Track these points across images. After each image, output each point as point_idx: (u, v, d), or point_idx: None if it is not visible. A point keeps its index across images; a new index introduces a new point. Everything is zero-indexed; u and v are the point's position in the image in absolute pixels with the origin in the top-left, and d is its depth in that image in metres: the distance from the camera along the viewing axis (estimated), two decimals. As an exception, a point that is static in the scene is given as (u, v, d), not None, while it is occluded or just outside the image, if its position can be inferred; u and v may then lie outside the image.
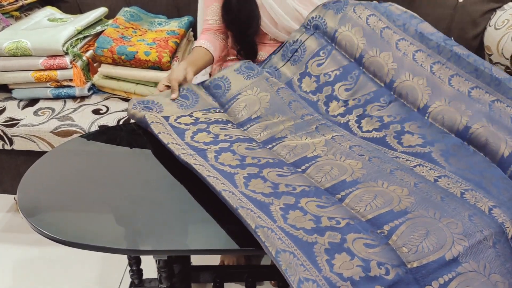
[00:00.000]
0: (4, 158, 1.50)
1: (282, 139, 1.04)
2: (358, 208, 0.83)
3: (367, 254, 0.74)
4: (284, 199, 0.84)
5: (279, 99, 1.15)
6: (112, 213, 0.92)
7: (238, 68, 1.22)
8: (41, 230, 0.85)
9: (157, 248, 0.84)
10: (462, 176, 0.91)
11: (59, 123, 1.41)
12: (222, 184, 0.86)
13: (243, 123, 1.11)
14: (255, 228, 0.76)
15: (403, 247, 0.75)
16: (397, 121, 1.06)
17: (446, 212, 0.80)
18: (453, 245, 0.75)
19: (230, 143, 1.00)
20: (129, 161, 1.03)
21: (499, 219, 0.81)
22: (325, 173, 0.92)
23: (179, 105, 1.16)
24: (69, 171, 1.06)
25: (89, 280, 1.47)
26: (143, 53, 1.43)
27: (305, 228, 0.78)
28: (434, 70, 1.11)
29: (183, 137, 1.03)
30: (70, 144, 1.18)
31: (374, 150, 0.99)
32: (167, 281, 1.07)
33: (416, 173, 0.92)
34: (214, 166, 0.92)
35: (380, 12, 1.23)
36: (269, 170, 0.92)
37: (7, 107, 1.48)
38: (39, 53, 1.44)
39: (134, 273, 1.25)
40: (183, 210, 0.86)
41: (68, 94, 1.50)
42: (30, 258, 1.56)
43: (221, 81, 1.20)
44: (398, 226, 0.78)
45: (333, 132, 1.05)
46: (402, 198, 0.84)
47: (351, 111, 1.13)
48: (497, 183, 0.90)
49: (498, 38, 1.65)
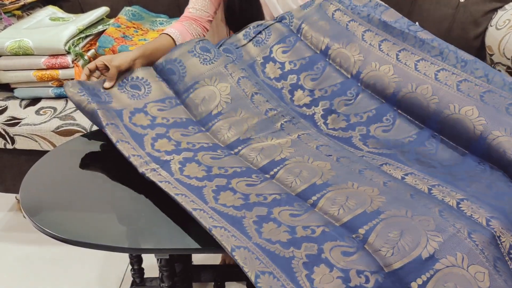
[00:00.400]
0: (6, 157, 1.50)
1: (248, 142, 1.01)
2: (332, 212, 0.82)
3: (345, 263, 0.74)
4: (256, 210, 0.82)
5: (240, 91, 1.09)
6: (114, 211, 0.92)
7: (192, 49, 1.13)
8: (44, 228, 0.85)
9: (158, 246, 0.84)
10: (428, 173, 0.92)
11: (60, 122, 1.41)
12: (192, 202, 0.84)
13: (204, 121, 1.06)
14: (231, 250, 0.74)
15: (380, 251, 0.75)
16: (363, 122, 1.06)
17: (417, 209, 0.80)
18: (428, 242, 0.75)
19: (194, 153, 0.97)
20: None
21: (468, 213, 0.81)
22: (295, 176, 0.90)
23: (130, 95, 1.08)
24: (71, 170, 1.06)
25: (91, 279, 1.47)
26: (144, 52, 1.43)
27: (281, 241, 0.76)
28: (400, 58, 1.11)
29: (143, 145, 0.98)
30: (71, 143, 1.18)
31: (341, 150, 0.98)
32: (169, 280, 1.07)
33: (384, 172, 0.92)
34: (181, 180, 0.89)
35: (345, 6, 1.24)
36: (237, 180, 0.90)
37: (9, 106, 1.48)
38: (41, 52, 1.45)
39: (135, 272, 1.25)
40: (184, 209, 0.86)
41: (69, 93, 1.50)
42: (32, 257, 1.56)
43: (174, 65, 1.12)
44: (372, 228, 0.77)
45: (299, 131, 1.03)
46: (374, 198, 0.83)
47: (317, 103, 1.11)
48: (464, 176, 0.91)
49: (500, 38, 1.65)
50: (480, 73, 1.02)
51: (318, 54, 1.19)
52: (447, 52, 1.08)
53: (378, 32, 1.17)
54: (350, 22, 1.21)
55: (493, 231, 0.78)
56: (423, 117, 1.04)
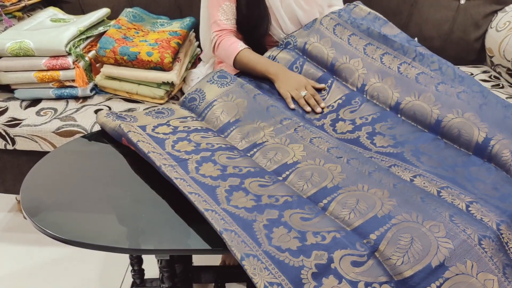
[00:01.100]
0: (6, 158, 1.51)
1: (263, 144, 1.04)
2: (343, 216, 0.83)
3: (354, 275, 0.74)
4: (267, 213, 0.83)
5: (257, 105, 1.14)
6: (115, 212, 0.92)
7: (211, 79, 1.21)
8: (44, 229, 0.85)
9: (159, 247, 0.84)
10: (436, 174, 0.93)
11: (61, 123, 1.41)
12: (204, 202, 0.85)
13: (223, 129, 1.10)
14: (241, 259, 0.75)
15: (391, 259, 0.75)
16: (368, 123, 1.09)
17: (428, 214, 0.80)
18: (438, 249, 0.75)
19: (212, 152, 0.99)
20: (131, 161, 1.04)
21: (478, 216, 0.82)
22: (306, 180, 0.92)
23: (154, 117, 1.14)
24: (72, 171, 1.06)
25: (91, 279, 1.47)
26: (145, 53, 1.44)
27: (291, 249, 0.76)
28: (401, 70, 1.16)
29: (164, 146, 1.01)
30: (72, 144, 1.18)
31: (351, 151, 1.00)
32: (169, 281, 1.07)
33: (393, 174, 0.93)
34: (195, 179, 0.91)
35: (345, 19, 1.29)
36: (251, 180, 0.91)
37: (9, 107, 1.48)
38: (41, 54, 1.45)
39: (136, 273, 1.25)
40: (185, 209, 0.86)
41: (70, 95, 1.50)
42: (32, 257, 1.56)
43: (195, 94, 1.19)
44: (384, 234, 0.78)
45: (311, 134, 1.06)
46: (384, 202, 0.83)
47: (326, 116, 1.16)
48: (470, 176, 0.92)
49: (500, 40, 1.66)
50: (476, 89, 1.07)
51: (325, 73, 1.26)
52: (446, 67, 1.13)
53: (379, 45, 1.22)
54: (351, 36, 1.27)
55: (501, 236, 0.79)
56: (424, 123, 1.07)
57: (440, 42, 1.79)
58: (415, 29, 1.78)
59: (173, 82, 1.47)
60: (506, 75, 1.64)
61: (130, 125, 1.08)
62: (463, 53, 1.80)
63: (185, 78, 1.58)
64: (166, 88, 1.49)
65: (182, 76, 1.55)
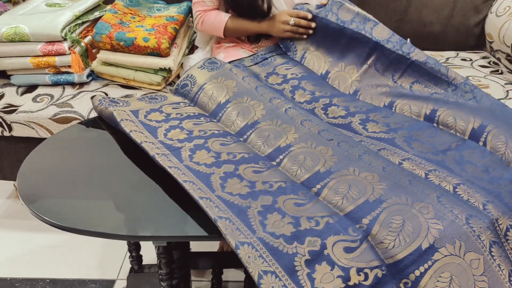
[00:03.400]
0: (3, 145, 1.50)
1: (255, 126, 1.04)
2: (335, 202, 0.84)
3: (347, 261, 0.75)
4: (261, 199, 0.84)
5: (246, 84, 1.16)
6: (112, 199, 0.92)
7: (201, 65, 1.24)
8: (42, 216, 0.85)
9: (156, 234, 0.85)
10: (424, 158, 0.94)
11: (58, 109, 1.41)
12: (199, 190, 0.85)
13: (215, 112, 1.11)
14: (236, 248, 0.76)
15: (383, 242, 0.76)
16: (363, 112, 1.10)
17: (416, 196, 0.82)
18: (428, 231, 0.76)
19: (205, 139, 1.00)
20: (128, 148, 1.03)
21: (464, 197, 0.83)
22: (299, 165, 0.93)
23: (147, 102, 1.16)
24: (69, 158, 1.06)
25: (89, 266, 1.48)
26: (141, 39, 1.43)
27: (285, 235, 0.77)
28: (395, 79, 1.17)
29: (156, 135, 1.02)
30: (69, 131, 1.18)
31: (340, 135, 1.01)
32: (167, 267, 1.08)
33: (382, 157, 0.94)
34: (189, 167, 0.91)
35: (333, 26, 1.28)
36: (245, 167, 0.92)
37: (5, 93, 1.47)
38: (37, 39, 1.43)
39: (134, 259, 1.26)
40: (182, 196, 0.86)
41: (67, 81, 1.49)
42: (31, 244, 1.57)
43: (187, 80, 1.21)
44: (376, 217, 0.79)
45: (301, 116, 1.06)
46: (375, 186, 0.85)
47: (317, 99, 1.16)
48: (461, 159, 0.93)
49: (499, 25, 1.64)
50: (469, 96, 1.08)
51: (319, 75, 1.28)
52: (439, 77, 1.12)
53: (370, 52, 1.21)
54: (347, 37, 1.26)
55: (489, 214, 0.80)
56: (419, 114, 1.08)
57: (440, 27, 1.77)
58: (414, 14, 1.77)
59: (170, 68, 1.46)
60: (506, 61, 1.63)
61: (122, 111, 1.08)
62: (463, 39, 1.79)
63: (182, 64, 1.57)
64: (164, 74, 1.48)
65: (179, 62, 1.54)
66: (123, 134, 1.05)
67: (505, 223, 0.80)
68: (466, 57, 1.71)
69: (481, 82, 1.49)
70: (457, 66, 1.63)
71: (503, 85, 1.48)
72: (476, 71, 1.59)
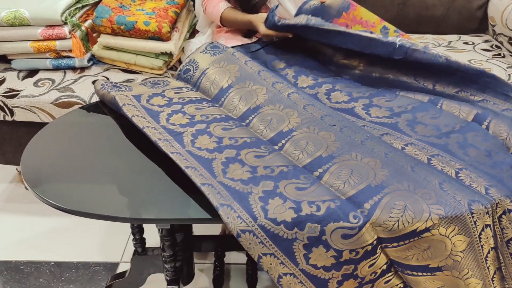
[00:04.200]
0: (6, 129, 1.51)
1: (258, 110, 1.04)
2: (337, 185, 0.84)
3: (343, 245, 0.78)
4: (262, 185, 0.84)
5: (248, 69, 1.16)
6: (115, 182, 0.93)
7: (203, 50, 1.23)
8: (47, 199, 0.86)
9: (159, 217, 0.85)
10: (427, 142, 0.94)
11: (59, 94, 1.41)
12: (201, 176, 0.85)
13: (217, 97, 1.11)
14: (237, 235, 0.78)
15: (381, 226, 0.78)
16: (366, 97, 1.09)
17: (418, 183, 0.83)
18: (429, 217, 0.77)
19: (207, 124, 1.00)
20: (130, 132, 1.04)
21: (466, 182, 0.84)
22: (301, 149, 0.93)
23: (149, 87, 1.17)
24: (71, 142, 1.06)
25: (93, 249, 1.50)
26: (142, 23, 1.42)
27: (286, 221, 0.78)
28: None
29: (158, 119, 1.02)
30: (71, 115, 1.18)
31: (343, 120, 1.01)
32: (170, 250, 1.09)
33: (384, 142, 0.94)
34: (191, 152, 0.92)
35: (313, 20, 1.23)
36: (247, 152, 0.92)
37: (7, 78, 1.47)
38: (37, 23, 1.43)
39: (137, 242, 1.27)
40: (185, 179, 0.87)
41: (67, 65, 1.49)
42: (34, 227, 1.59)
43: (189, 65, 1.21)
44: (378, 202, 0.80)
45: (304, 101, 1.06)
46: (377, 172, 0.85)
47: (321, 85, 1.15)
48: (464, 143, 0.93)
49: (502, 9, 1.63)
50: None
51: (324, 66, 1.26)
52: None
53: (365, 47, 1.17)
54: None
55: (492, 199, 0.81)
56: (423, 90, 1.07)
57: (442, 10, 1.76)
58: (417, -4, 1.75)
59: (171, 52, 1.45)
60: (508, 44, 1.63)
61: (125, 95, 1.08)
62: (465, 22, 1.78)
63: (183, 48, 1.57)
64: (165, 58, 1.47)
65: (180, 46, 1.53)
66: (125, 119, 1.05)
67: (504, 206, 0.81)
68: (468, 40, 1.70)
69: (483, 65, 1.48)
70: (459, 49, 1.62)
71: (505, 69, 1.47)
72: (478, 54, 1.58)
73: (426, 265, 0.80)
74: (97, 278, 1.40)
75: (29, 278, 1.40)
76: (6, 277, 1.41)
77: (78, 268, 1.44)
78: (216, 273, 1.29)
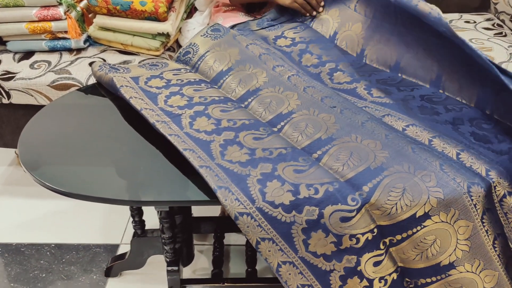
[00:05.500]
0: (3, 112, 1.50)
1: (257, 92, 1.03)
2: (336, 168, 0.84)
3: (341, 229, 0.78)
4: (261, 167, 0.84)
5: (249, 52, 1.14)
6: (114, 165, 0.93)
7: (204, 33, 1.21)
8: (44, 182, 0.86)
9: (158, 199, 0.86)
10: (429, 123, 0.93)
11: (56, 76, 1.39)
12: (199, 159, 0.85)
13: (216, 79, 1.10)
14: (235, 218, 0.78)
15: (379, 209, 0.78)
16: (368, 78, 1.07)
17: (419, 164, 0.82)
18: (428, 200, 0.77)
19: (205, 106, 0.99)
20: (128, 114, 1.03)
21: (467, 164, 0.83)
22: (300, 131, 0.92)
23: (147, 68, 1.15)
24: (69, 125, 1.06)
25: (93, 231, 1.51)
26: (138, 3, 1.39)
27: (284, 204, 0.78)
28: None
29: (156, 101, 1.01)
30: (68, 97, 1.17)
31: (344, 101, 1.00)
32: (169, 231, 1.10)
33: (385, 123, 0.93)
34: (190, 134, 0.91)
35: None
36: (245, 134, 0.92)
37: (2, 60, 1.45)
38: (32, 4, 1.40)
39: (136, 224, 1.27)
40: (183, 161, 0.87)
41: (63, 47, 1.47)
42: (34, 210, 1.59)
43: (189, 48, 1.20)
44: (376, 185, 0.79)
45: (304, 83, 1.05)
46: (377, 154, 0.85)
47: (324, 64, 1.14)
48: (466, 126, 0.92)
49: (505, -14, 1.60)
50: None
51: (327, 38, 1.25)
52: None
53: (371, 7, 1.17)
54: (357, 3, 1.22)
55: (491, 181, 0.80)
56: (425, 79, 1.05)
57: (444, -12, 1.73)
58: (418, -25, 1.72)
59: (168, 33, 1.43)
60: (510, 22, 1.60)
61: (123, 77, 1.07)
62: (467, 0, 1.75)
63: (181, 28, 1.54)
64: (162, 39, 1.46)
65: (177, 27, 1.51)
66: (122, 101, 1.04)
67: (503, 189, 0.81)
68: (469, 19, 1.68)
69: (484, 44, 1.46)
70: (461, 28, 1.60)
71: (507, 48, 1.46)
72: (479, 33, 1.56)
73: (438, 263, 0.79)
74: (97, 259, 1.41)
75: (30, 260, 1.41)
76: (7, 259, 1.42)
77: (78, 250, 1.44)
78: (215, 254, 1.30)
